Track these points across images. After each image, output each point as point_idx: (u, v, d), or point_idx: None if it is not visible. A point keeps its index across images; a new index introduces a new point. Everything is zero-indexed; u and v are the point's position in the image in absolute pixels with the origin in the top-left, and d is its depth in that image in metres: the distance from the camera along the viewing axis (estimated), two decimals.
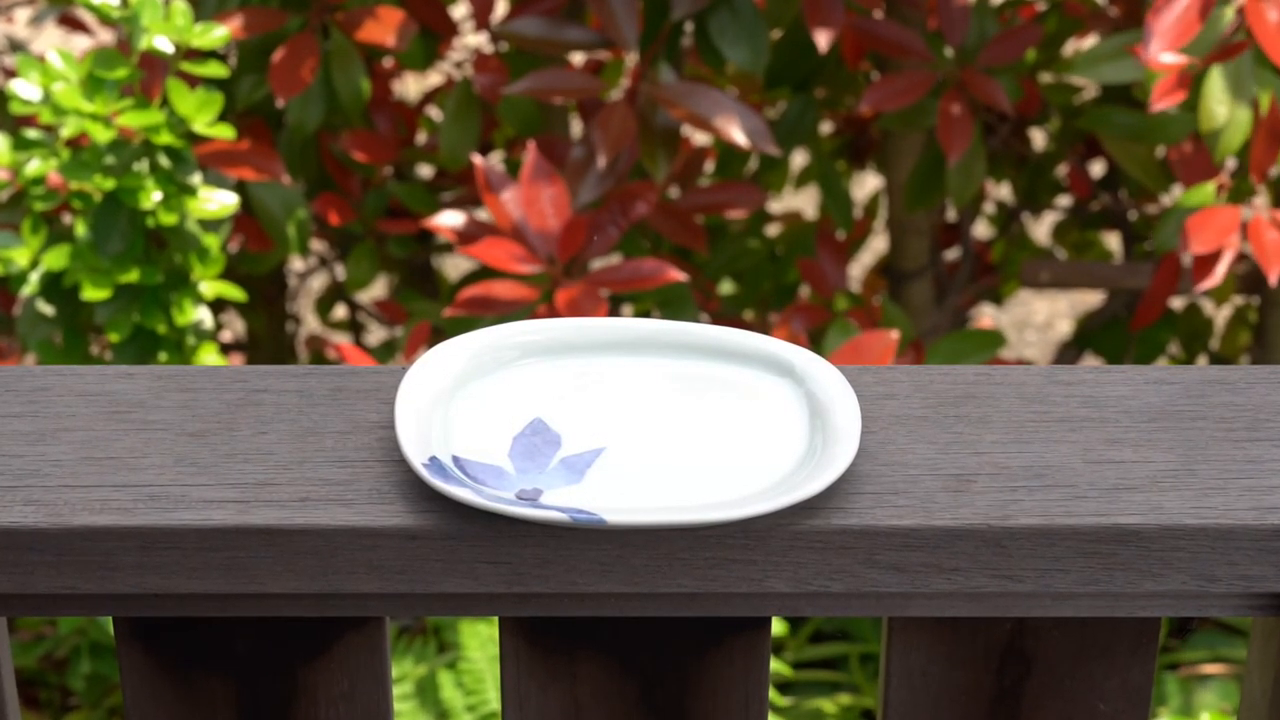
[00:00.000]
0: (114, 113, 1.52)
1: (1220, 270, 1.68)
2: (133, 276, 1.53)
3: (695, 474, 0.75)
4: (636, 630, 0.78)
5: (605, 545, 0.72)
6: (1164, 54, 1.60)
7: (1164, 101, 1.63)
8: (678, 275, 1.64)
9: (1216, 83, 1.67)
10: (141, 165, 1.54)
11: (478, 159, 1.67)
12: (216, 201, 1.58)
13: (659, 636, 0.78)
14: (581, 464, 0.75)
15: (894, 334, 1.61)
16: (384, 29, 1.81)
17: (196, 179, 1.56)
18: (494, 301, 1.63)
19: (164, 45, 1.53)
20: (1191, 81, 1.66)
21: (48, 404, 0.79)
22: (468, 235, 1.73)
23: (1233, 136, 1.68)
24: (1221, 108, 1.67)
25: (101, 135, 1.50)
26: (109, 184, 1.52)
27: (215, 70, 1.55)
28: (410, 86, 3.25)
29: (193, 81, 1.68)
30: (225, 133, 1.55)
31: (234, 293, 1.64)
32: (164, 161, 1.55)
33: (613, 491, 0.74)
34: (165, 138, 1.52)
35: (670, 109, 1.73)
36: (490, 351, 0.81)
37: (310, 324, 2.93)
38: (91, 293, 1.52)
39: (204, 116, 1.54)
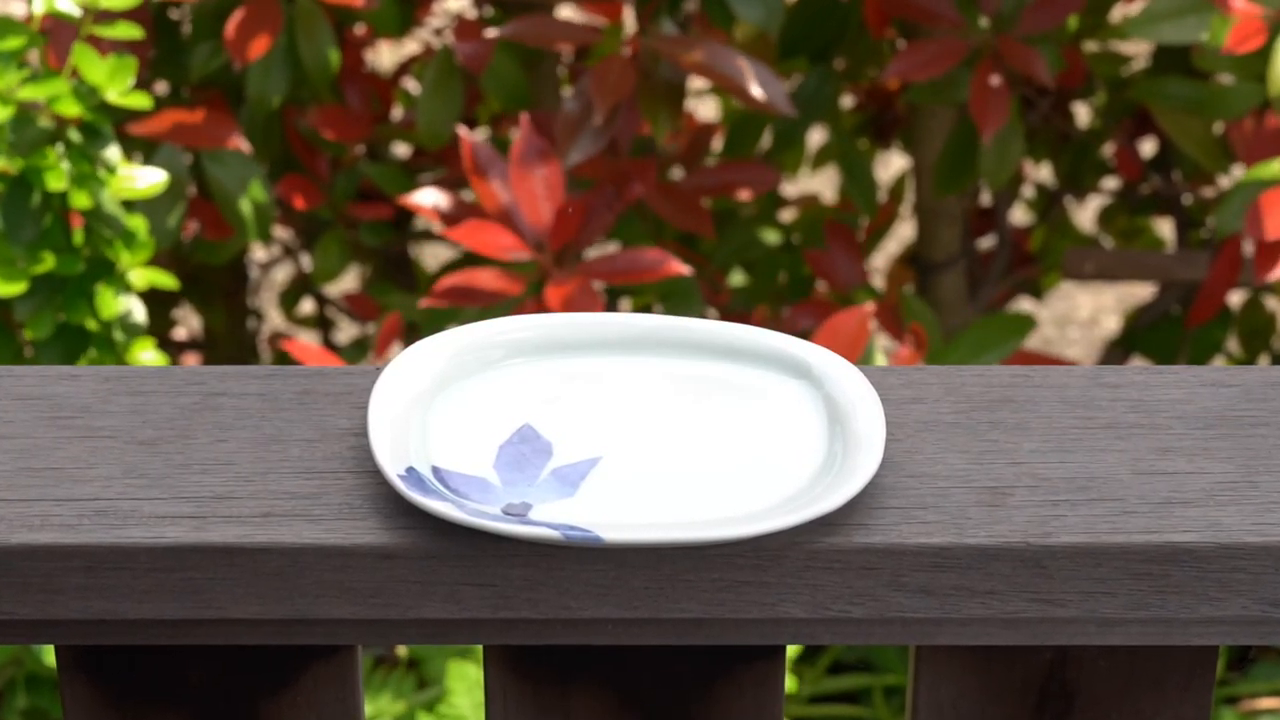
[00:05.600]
0: (11, 86, 1.51)
1: None
2: (48, 266, 1.53)
3: (701, 487, 0.75)
4: (636, 660, 0.78)
5: (601, 566, 0.73)
6: None
7: (1242, 46, 1.62)
8: (681, 268, 1.62)
9: None
10: (59, 143, 1.53)
11: (464, 132, 1.66)
12: (142, 179, 1.56)
13: (661, 667, 0.78)
14: (575, 475, 0.75)
15: (869, 306, 1.60)
16: None
17: (114, 154, 1.55)
18: (477, 292, 1.62)
19: (68, 7, 1.52)
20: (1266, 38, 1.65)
21: None
22: (451, 216, 1.72)
23: None
24: None
25: None
26: (17, 164, 1.51)
27: (126, 31, 1.54)
28: (384, 56, 3.25)
29: (107, 48, 1.67)
30: (141, 102, 1.54)
31: (167, 281, 1.63)
32: (75, 137, 1.54)
33: (609, 506, 0.74)
34: (71, 108, 1.51)
35: (675, 59, 1.72)
36: (473, 351, 0.81)
37: (274, 320, 2.93)
38: (2, 288, 1.51)
39: (117, 85, 1.53)
